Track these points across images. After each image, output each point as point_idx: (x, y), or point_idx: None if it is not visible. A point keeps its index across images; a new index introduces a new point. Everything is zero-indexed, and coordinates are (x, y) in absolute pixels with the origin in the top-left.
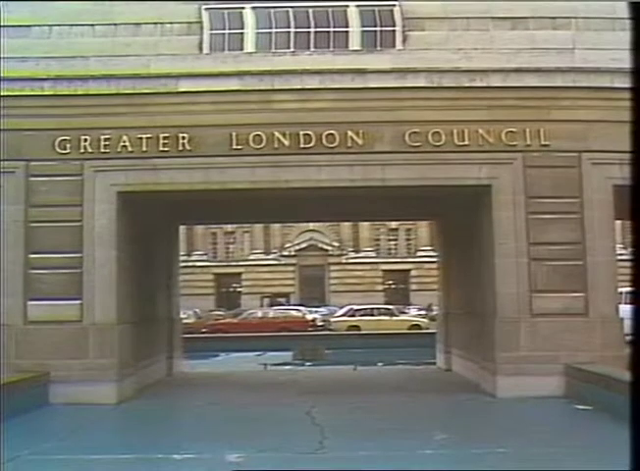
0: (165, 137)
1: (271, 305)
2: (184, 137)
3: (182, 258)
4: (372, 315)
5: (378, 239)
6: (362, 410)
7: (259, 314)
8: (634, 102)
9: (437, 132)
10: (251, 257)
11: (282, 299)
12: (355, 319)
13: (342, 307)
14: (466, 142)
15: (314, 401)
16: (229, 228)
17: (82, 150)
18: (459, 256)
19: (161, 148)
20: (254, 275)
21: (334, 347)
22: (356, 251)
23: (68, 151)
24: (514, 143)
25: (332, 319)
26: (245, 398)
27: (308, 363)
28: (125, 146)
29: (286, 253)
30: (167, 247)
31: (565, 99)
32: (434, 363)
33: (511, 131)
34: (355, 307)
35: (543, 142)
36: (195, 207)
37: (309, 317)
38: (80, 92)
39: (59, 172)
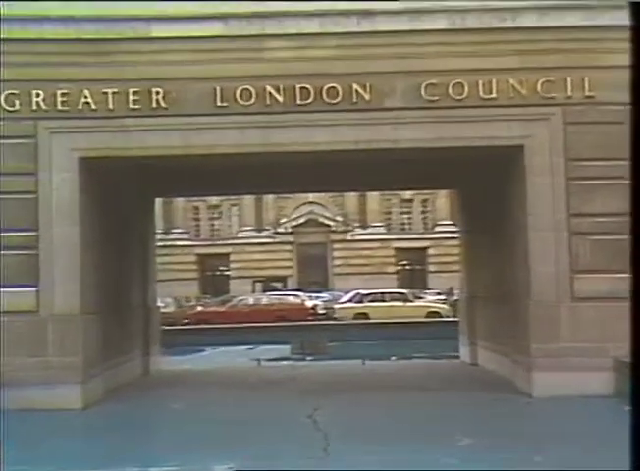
0: (135, 93)
1: (264, 291)
2: (158, 93)
3: (159, 237)
4: (383, 301)
5: (389, 213)
6: (373, 412)
7: (251, 301)
8: (634, 102)
9: (459, 84)
10: (241, 235)
11: (277, 284)
12: (363, 306)
13: (347, 292)
14: (494, 95)
15: (316, 402)
16: (213, 201)
17: (35, 107)
18: (486, 231)
19: (131, 106)
20: (244, 256)
21: (338, 339)
22: (364, 227)
23: (17, 108)
24: (552, 95)
25: (336, 306)
26: (235, 400)
27: (309, 358)
28: (87, 103)
29: (281, 230)
30: (141, 224)
31: (614, 41)
32: (457, 357)
33: (549, 81)
34: (363, 292)
35: (587, 93)
36: (174, 176)
37: (309, 304)
38: (32, 36)
39: (7, 133)
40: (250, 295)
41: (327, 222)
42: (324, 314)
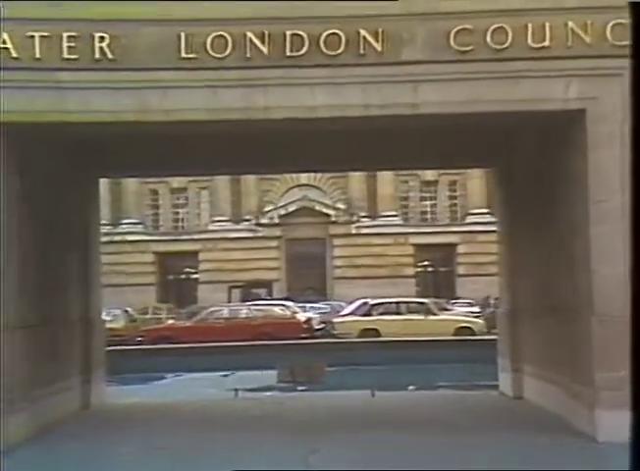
0: (72, 38)
1: (243, 300)
2: (102, 38)
3: (104, 230)
4: (398, 313)
5: (406, 198)
6: (385, 460)
7: (225, 313)
8: (633, 103)
9: (500, 29)
10: (213, 227)
11: (260, 291)
12: (372, 320)
13: (351, 302)
14: (546, 43)
15: (309, 447)
16: (177, 182)
17: None
18: (534, 222)
19: (66, 55)
20: (217, 254)
21: (340, 363)
22: (373, 217)
23: None
24: (626, 43)
25: (336, 320)
26: (204, 443)
27: (301, 388)
28: (6, 50)
29: (265, 221)
30: (81, 213)
31: None
32: (495, 387)
33: (621, 24)
34: (372, 302)
35: None
36: (124, 150)
37: (302, 317)
38: None
39: None
40: (225, 306)
41: (325, 210)
42: (321, 330)
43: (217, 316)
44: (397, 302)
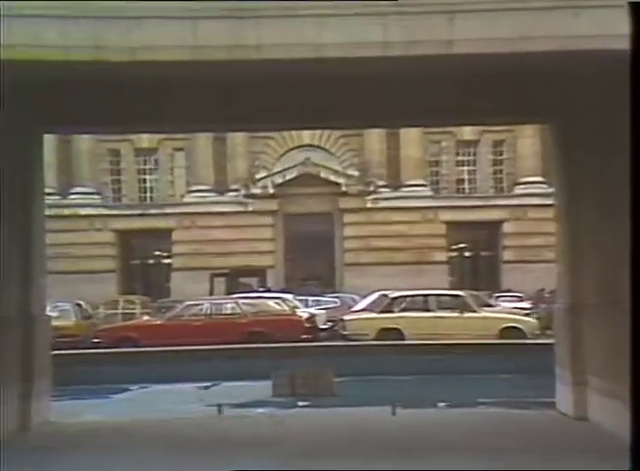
0: None
1: (229, 292)
2: None
3: (50, 201)
4: (426, 309)
5: (437, 163)
6: None
7: (206, 308)
8: (633, 103)
9: None
10: (190, 199)
11: (250, 280)
12: (393, 317)
13: (366, 295)
14: None
15: None
16: (144, 141)
17: None
18: (603, 195)
19: None
20: (196, 233)
21: (352, 371)
22: (394, 187)
23: None
24: None
25: (347, 317)
26: None
27: (303, 403)
28: None
29: (257, 191)
30: (18, 178)
31: None
32: (551, 404)
33: None
34: (393, 294)
35: None
36: (77, 98)
37: (303, 314)
38: None
39: None
40: (206, 299)
41: (333, 178)
42: (327, 330)
43: (195, 312)
44: (424, 295)
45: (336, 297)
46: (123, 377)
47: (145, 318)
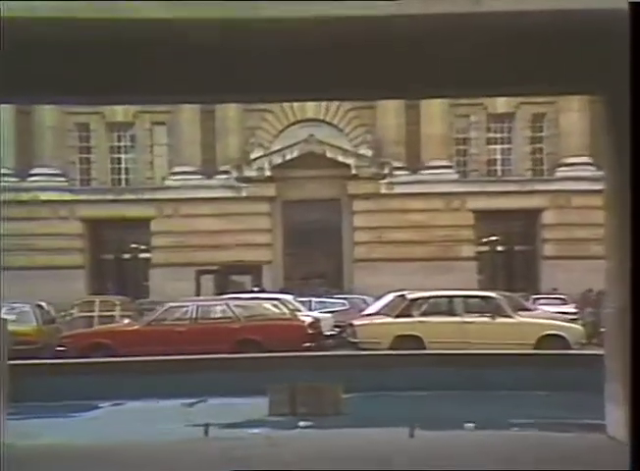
0: None
1: (219, 292)
2: None
3: (5, 183)
4: (451, 313)
5: (465, 141)
6: None
7: (191, 311)
8: (633, 104)
9: None
10: (172, 183)
11: (243, 279)
12: (412, 322)
13: (380, 296)
14: None
15: None
16: (119, 114)
17: None
18: None
19: None
20: (179, 223)
21: (362, 386)
22: (414, 169)
23: None
24: None
25: (357, 322)
26: None
27: (305, 422)
28: None
29: (252, 174)
30: None
31: None
32: (599, 427)
33: None
34: (412, 295)
35: None
36: (38, 61)
37: (305, 318)
38: None
39: None
40: (191, 300)
41: (342, 159)
42: (334, 337)
43: (178, 316)
44: (449, 297)
45: (344, 299)
46: (91, 392)
47: (126, 321)
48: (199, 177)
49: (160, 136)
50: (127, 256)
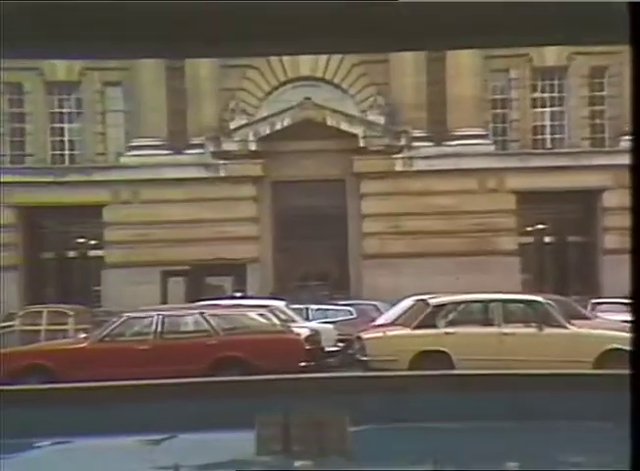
0: None
1: (191, 298)
2: None
3: None
4: (486, 323)
5: (502, 103)
6: None
7: (156, 323)
8: (633, 104)
9: None
10: (130, 159)
11: (222, 281)
12: (437, 334)
13: (395, 302)
14: None
15: None
16: (61, 71)
17: None
18: None
19: None
20: (140, 211)
21: (373, 417)
22: (439, 139)
23: None
24: None
25: (368, 335)
26: None
27: (302, 463)
28: None
29: (232, 147)
30: None
31: None
32: None
33: None
34: (436, 301)
35: None
36: None
37: (301, 330)
38: None
39: None
40: (155, 310)
41: (346, 127)
42: (338, 354)
43: (139, 329)
44: (484, 302)
45: (350, 306)
46: (27, 427)
47: (82, 336)
48: (165, 152)
49: (114, 101)
50: (72, 254)
